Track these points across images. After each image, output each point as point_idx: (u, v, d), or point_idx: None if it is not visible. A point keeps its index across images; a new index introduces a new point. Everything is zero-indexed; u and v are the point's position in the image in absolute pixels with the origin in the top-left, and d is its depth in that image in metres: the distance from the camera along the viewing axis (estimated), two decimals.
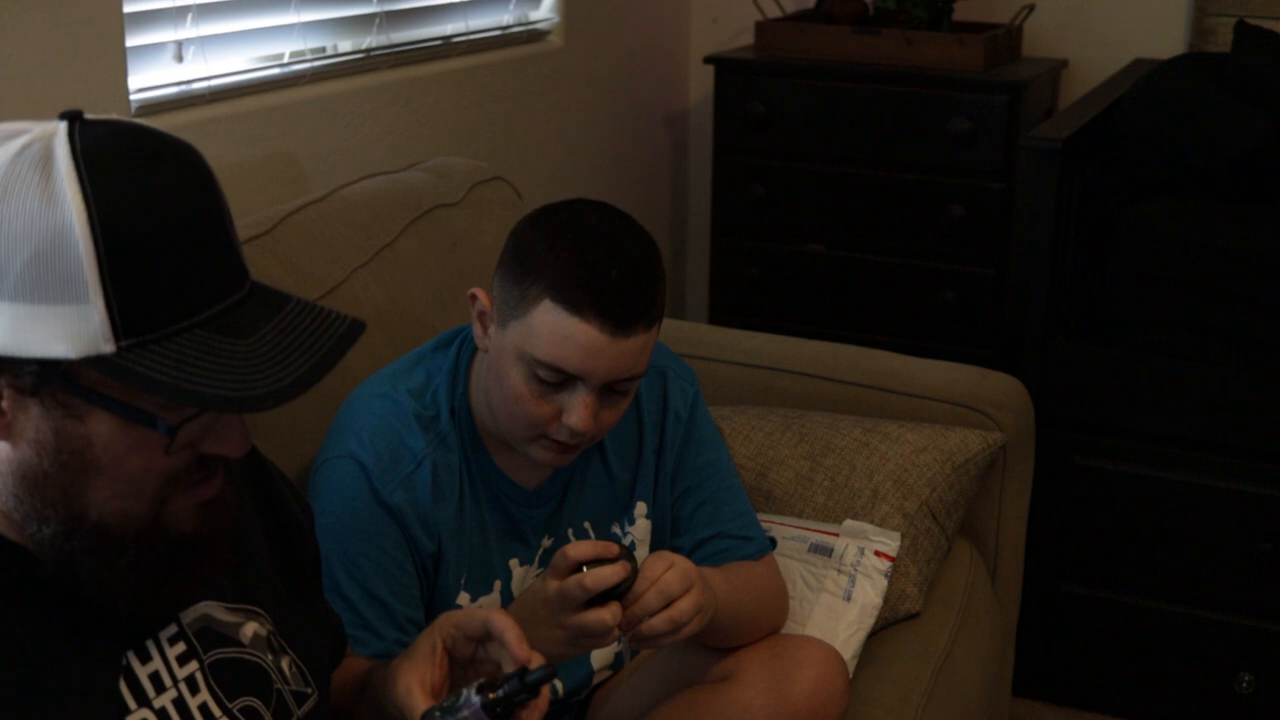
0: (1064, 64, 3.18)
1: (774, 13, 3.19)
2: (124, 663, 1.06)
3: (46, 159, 0.97)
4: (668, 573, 1.44)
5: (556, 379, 1.47)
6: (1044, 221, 2.51)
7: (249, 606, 1.16)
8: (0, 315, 0.96)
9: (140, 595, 1.05)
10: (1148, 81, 2.67)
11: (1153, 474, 2.53)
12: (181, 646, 1.09)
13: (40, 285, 0.95)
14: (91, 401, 0.98)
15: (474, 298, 1.55)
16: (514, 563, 1.63)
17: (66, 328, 0.96)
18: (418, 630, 1.56)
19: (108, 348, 0.96)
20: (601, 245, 1.47)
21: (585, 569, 1.39)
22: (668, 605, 1.43)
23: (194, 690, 1.09)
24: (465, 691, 1.16)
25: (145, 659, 1.07)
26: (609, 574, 1.38)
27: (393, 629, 1.54)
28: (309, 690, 1.19)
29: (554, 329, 1.45)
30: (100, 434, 1.00)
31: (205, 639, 1.11)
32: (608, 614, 1.39)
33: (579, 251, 1.46)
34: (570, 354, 1.45)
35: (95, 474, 1.01)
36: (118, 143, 0.99)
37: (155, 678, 1.07)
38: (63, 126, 0.99)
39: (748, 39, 3.20)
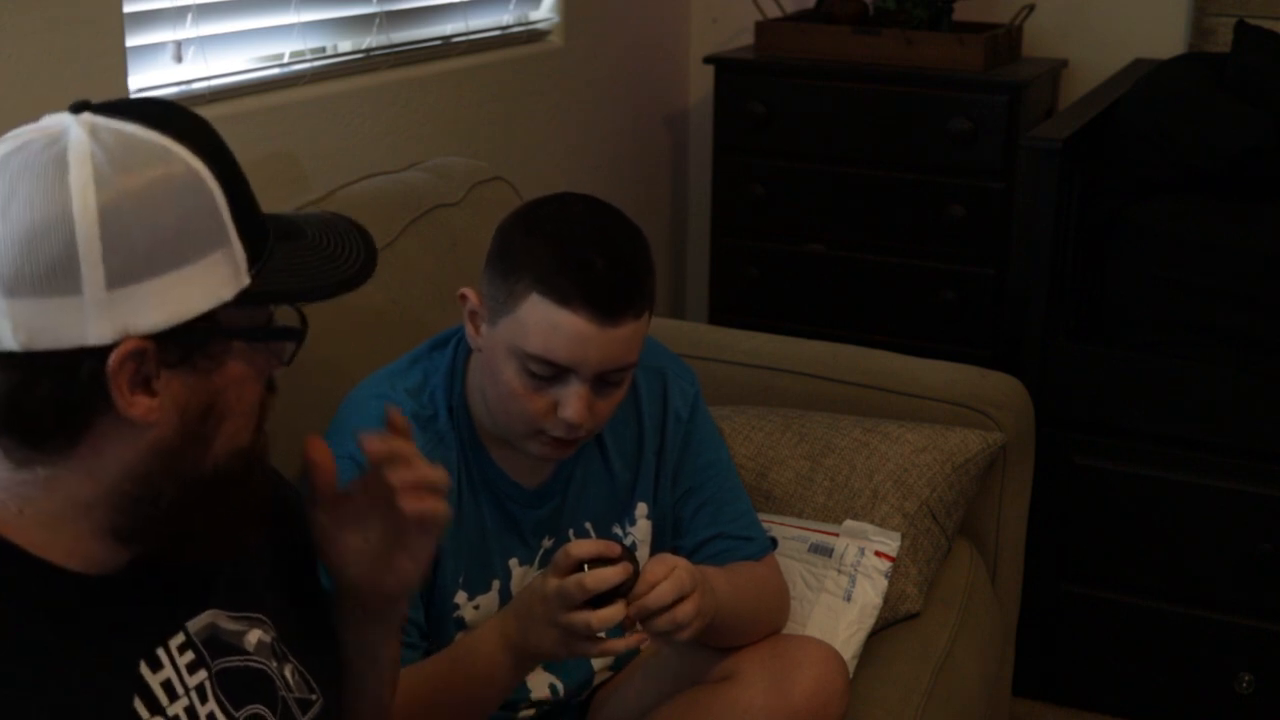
0: (1064, 64, 3.18)
1: (774, 13, 3.19)
2: (137, 672, 1.05)
3: (123, 136, 0.99)
4: (674, 572, 1.44)
5: (549, 372, 1.47)
6: (1044, 221, 2.51)
7: (252, 614, 1.16)
8: (149, 293, 0.97)
9: (236, 537, 1.09)
10: (1148, 81, 2.67)
11: (1153, 474, 2.53)
12: (191, 655, 1.09)
13: (189, 245, 0.98)
14: (243, 338, 1.03)
15: (464, 297, 1.55)
16: (513, 562, 1.63)
17: (219, 274, 1.00)
18: (417, 630, 1.56)
19: (246, 281, 1.01)
20: (586, 235, 1.47)
21: (587, 568, 1.39)
22: (670, 606, 1.43)
23: (203, 699, 1.09)
24: None
25: (156, 667, 1.06)
26: (610, 575, 1.38)
27: None
28: (313, 697, 1.19)
29: (543, 321, 1.45)
30: (234, 373, 1.03)
31: (212, 647, 1.11)
32: (605, 615, 1.39)
33: (563, 243, 1.46)
34: (560, 345, 1.45)
35: (227, 418, 1.04)
36: (150, 106, 1.03)
37: (168, 685, 1.06)
38: (85, 117, 1.00)
39: (748, 39, 3.20)
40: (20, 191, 0.95)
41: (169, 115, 1.03)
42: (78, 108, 1.01)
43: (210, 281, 0.99)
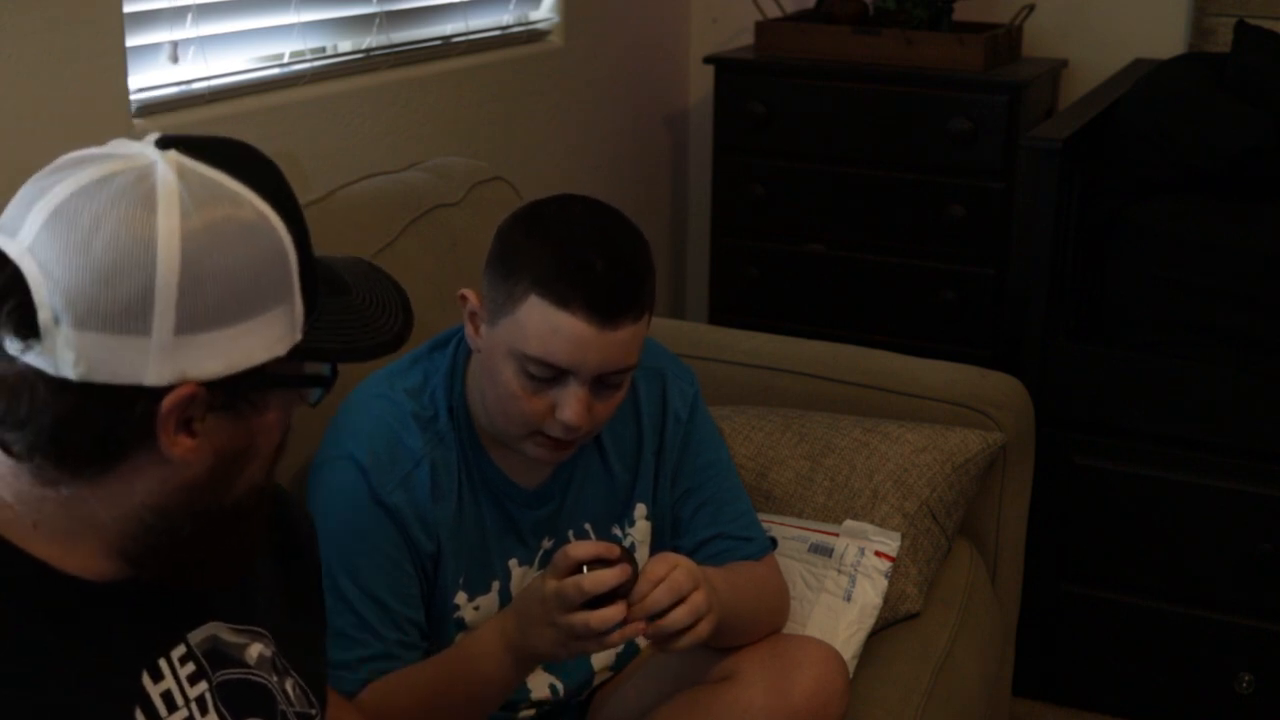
0: (1064, 64, 3.18)
1: (774, 13, 3.19)
2: (139, 682, 1.05)
3: (210, 183, 0.98)
4: (675, 571, 1.44)
5: (548, 374, 1.47)
6: (1044, 221, 2.51)
7: (253, 628, 1.16)
8: (213, 342, 0.97)
9: (239, 566, 1.11)
10: (1148, 81, 2.67)
11: (1153, 474, 2.53)
12: (191, 666, 1.09)
13: (258, 299, 0.98)
14: (284, 386, 1.04)
15: (464, 298, 1.55)
16: (513, 563, 1.63)
17: (279, 328, 1.01)
18: (418, 630, 1.56)
19: (299, 336, 1.02)
20: (586, 238, 1.47)
21: (586, 570, 1.39)
22: (679, 601, 1.43)
23: (203, 710, 1.09)
24: None
25: (158, 678, 1.06)
26: (607, 577, 1.38)
27: (393, 630, 1.53)
28: (313, 711, 1.19)
29: (542, 323, 1.45)
30: (271, 418, 1.04)
31: (213, 659, 1.11)
32: (606, 615, 1.39)
33: (563, 245, 1.46)
34: (559, 348, 1.45)
35: (253, 458, 1.05)
36: (231, 149, 1.03)
37: (167, 697, 1.06)
38: (173, 155, 0.99)
39: (748, 39, 3.20)
40: (106, 225, 0.94)
41: (248, 162, 1.03)
42: (164, 143, 1.00)
43: (270, 335, 1.00)
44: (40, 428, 0.97)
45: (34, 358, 0.95)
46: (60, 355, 0.94)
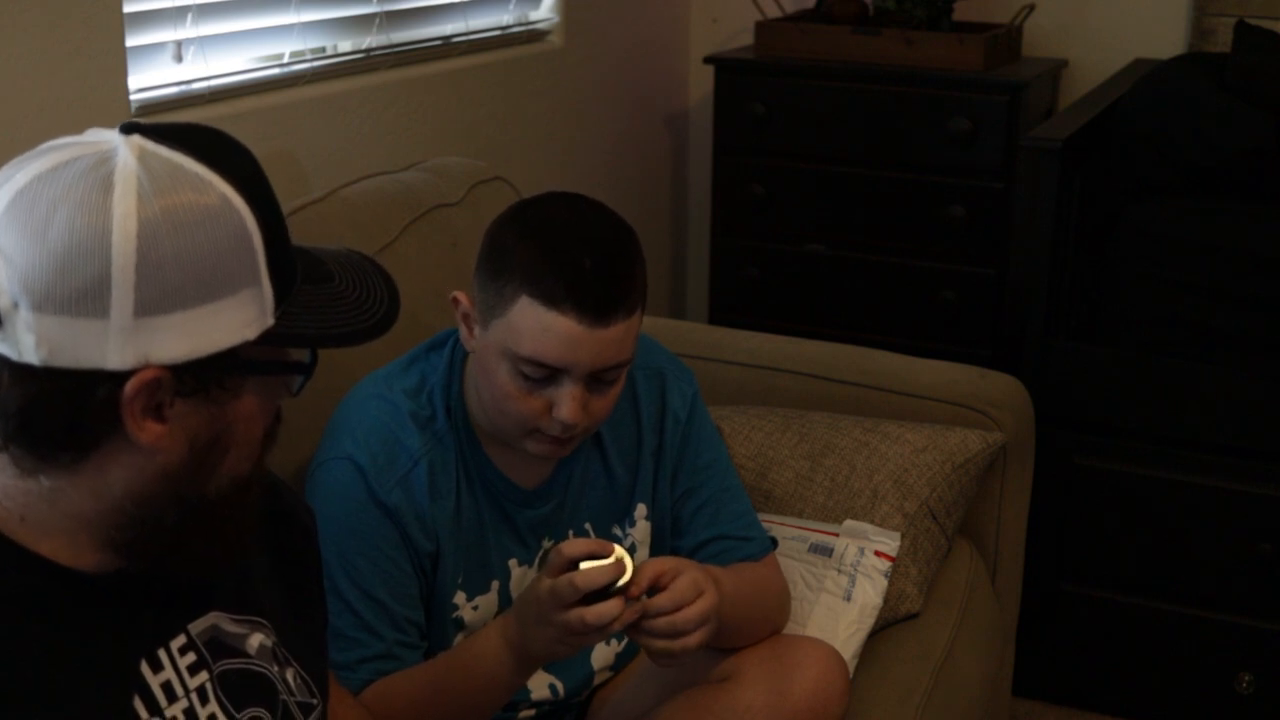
0: (1064, 64, 3.18)
1: (774, 13, 3.19)
2: (138, 672, 1.06)
3: (171, 166, 0.98)
4: (691, 570, 1.45)
5: (541, 374, 1.47)
6: (1044, 221, 2.51)
7: (254, 618, 1.16)
8: (175, 325, 0.97)
9: (227, 555, 1.10)
10: (1148, 81, 2.67)
11: (1153, 474, 2.53)
12: (192, 656, 1.10)
13: (221, 282, 0.98)
14: (259, 373, 1.03)
15: (456, 301, 1.55)
16: (512, 563, 1.63)
17: (246, 313, 1.00)
18: (417, 630, 1.56)
19: (270, 321, 1.01)
20: (573, 236, 1.47)
21: (582, 567, 1.40)
22: (676, 609, 1.43)
23: (204, 700, 1.09)
24: None
25: (157, 668, 1.07)
26: (599, 573, 1.38)
27: (392, 629, 1.53)
28: (314, 701, 1.20)
29: (533, 324, 1.45)
30: (247, 406, 1.04)
31: (214, 649, 1.12)
32: (601, 610, 1.39)
33: (551, 244, 1.46)
34: (551, 348, 1.45)
35: (232, 446, 1.05)
36: (200, 135, 1.03)
37: (167, 687, 1.07)
38: (135, 140, 0.99)
39: (748, 39, 3.20)
40: (62, 210, 0.95)
41: (216, 146, 1.02)
42: (129, 128, 1.00)
43: (236, 319, 1.00)
44: (8, 414, 0.98)
45: None
46: (21, 340, 0.95)
